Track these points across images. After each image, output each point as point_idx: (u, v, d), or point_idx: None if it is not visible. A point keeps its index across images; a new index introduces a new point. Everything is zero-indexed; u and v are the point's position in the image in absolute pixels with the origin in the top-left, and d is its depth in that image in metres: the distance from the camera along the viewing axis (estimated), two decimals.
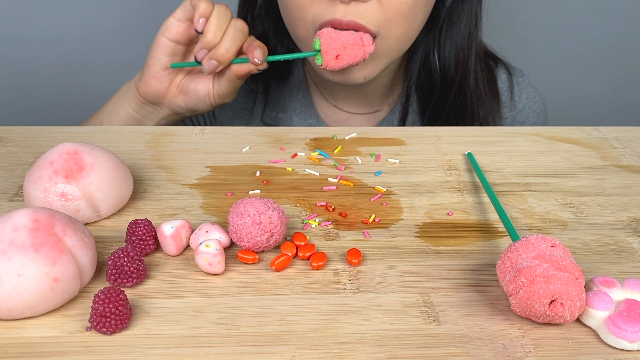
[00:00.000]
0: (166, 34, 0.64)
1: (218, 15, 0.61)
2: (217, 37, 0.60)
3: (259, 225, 0.40)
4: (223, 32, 0.61)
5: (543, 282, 0.35)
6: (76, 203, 0.43)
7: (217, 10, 0.61)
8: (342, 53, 0.59)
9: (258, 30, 0.76)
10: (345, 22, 0.61)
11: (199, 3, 0.61)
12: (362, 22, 0.61)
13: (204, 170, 0.53)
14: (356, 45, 0.59)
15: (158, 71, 0.65)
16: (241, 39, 0.62)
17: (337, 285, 0.40)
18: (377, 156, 0.56)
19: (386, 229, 0.46)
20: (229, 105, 0.81)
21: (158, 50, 0.65)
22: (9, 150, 0.55)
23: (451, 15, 0.70)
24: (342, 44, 0.59)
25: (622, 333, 0.35)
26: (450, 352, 0.35)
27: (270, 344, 0.35)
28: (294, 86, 0.78)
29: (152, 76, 0.65)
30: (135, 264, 0.38)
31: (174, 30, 0.64)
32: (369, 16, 0.61)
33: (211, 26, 0.60)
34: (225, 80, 0.64)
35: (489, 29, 0.75)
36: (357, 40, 0.59)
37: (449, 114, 0.73)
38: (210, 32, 0.60)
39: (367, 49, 0.60)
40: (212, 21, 0.60)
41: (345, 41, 0.59)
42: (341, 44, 0.59)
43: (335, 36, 0.59)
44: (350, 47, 0.59)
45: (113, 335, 0.35)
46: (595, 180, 0.53)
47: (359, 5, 0.60)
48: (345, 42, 0.59)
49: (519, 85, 0.79)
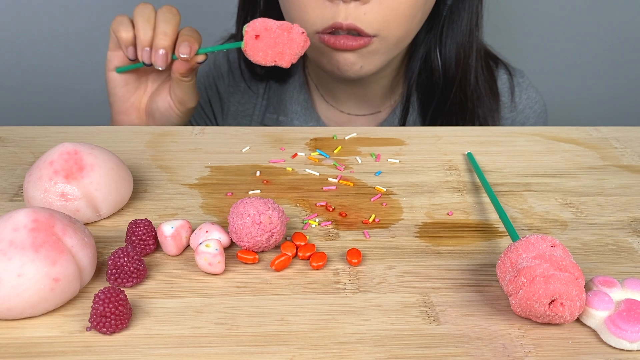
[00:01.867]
0: (109, 68, 0.65)
1: (140, 14, 0.60)
2: (148, 32, 0.60)
3: (259, 225, 0.40)
4: (152, 24, 0.60)
5: (543, 282, 0.35)
6: (76, 203, 0.43)
7: (138, 11, 0.61)
8: (263, 34, 0.56)
9: None
10: (346, 25, 0.61)
11: (119, 34, 0.60)
12: (361, 26, 0.61)
13: (204, 170, 0.53)
14: (280, 33, 0.56)
15: (121, 106, 0.66)
16: (172, 18, 0.61)
17: (337, 285, 0.40)
18: (377, 156, 0.56)
19: (386, 229, 0.46)
20: (232, 111, 0.81)
21: (111, 86, 0.65)
22: (9, 150, 0.55)
23: (452, 13, 0.70)
24: (265, 27, 0.56)
25: (622, 333, 0.35)
26: (450, 352, 0.35)
27: (270, 344, 0.35)
28: (295, 89, 0.78)
29: (118, 113, 0.66)
30: (135, 264, 0.38)
31: (115, 62, 0.64)
32: (368, 20, 0.61)
33: (139, 25, 0.60)
34: (175, 85, 0.63)
35: (489, 28, 0.75)
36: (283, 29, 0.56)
37: (449, 113, 0.73)
38: (140, 30, 0.60)
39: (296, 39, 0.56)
40: (137, 21, 0.60)
41: (270, 25, 0.56)
42: (264, 26, 0.56)
43: (260, 21, 0.57)
44: (272, 31, 0.56)
45: (113, 335, 0.35)
46: (595, 180, 0.53)
47: (359, 7, 0.60)
48: (269, 26, 0.56)
49: (520, 86, 0.79)
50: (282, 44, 0.56)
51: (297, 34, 0.56)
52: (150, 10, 0.61)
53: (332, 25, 0.62)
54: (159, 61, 0.60)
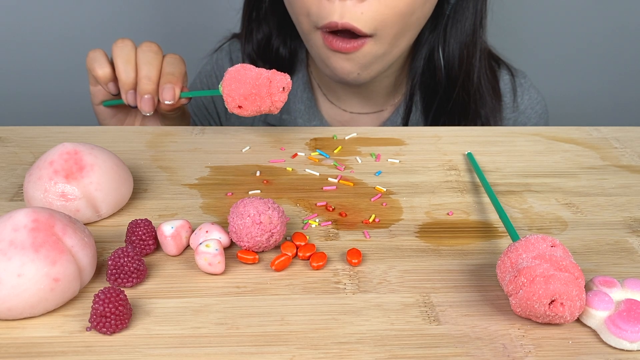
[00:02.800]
0: (95, 102, 0.64)
1: (119, 54, 0.58)
2: (130, 74, 0.58)
3: (259, 225, 0.40)
4: (134, 65, 0.58)
5: (543, 282, 0.35)
6: (76, 203, 0.43)
7: (117, 50, 0.59)
8: (244, 104, 0.52)
9: (263, 31, 0.76)
10: (341, 24, 0.61)
11: (94, 72, 0.59)
12: (358, 25, 0.61)
13: (204, 170, 0.53)
14: (259, 95, 0.52)
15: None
16: (155, 58, 0.59)
17: (337, 285, 0.40)
18: (377, 156, 0.56)
19: (386, 229, 0.46)
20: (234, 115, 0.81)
21: (101, 118, 0.65)
22: (9, 150, 0.55)
23: (456, 12, 0.70)
24: (243, 94, 0.52)
25: (622, 333, 0.35)
26: (450, 352, 0.35)
27: (270, 344, 0.35)
28: (298, 87, 0.78)
29: None
30: (135, 264, 0.38)
31: (99, 97, 0.64)
32: (365, 19, 0.61)
33: (119, 67, 0.58)
34: (164, 116, 0.63)
35: (491, 27, 0.75)
36: (262, 86, 0.52)
37: (452, 113, 0.73)
38: (122, 73, 0.58)
39: (275, 98, 0.52)
40: (118, 62, 0.58)
41: (246, 90, 0.51)
42: (242, 94, 0.52)
43: (235, 85, 0.52)
44: (251, 97, 0.52)
45: (113, 335, 0.35)
46: (595, 180, 0.53)
47: (356, 5, 0.60)
48: (246, 92, 0.51)
49: (522, 87, 0.79)
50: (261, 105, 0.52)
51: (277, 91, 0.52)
52: (130, 49, 0.59)
53: (327, 25, 0.61)
54: (146, 107, 0.58)
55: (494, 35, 0.78)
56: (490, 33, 0.76)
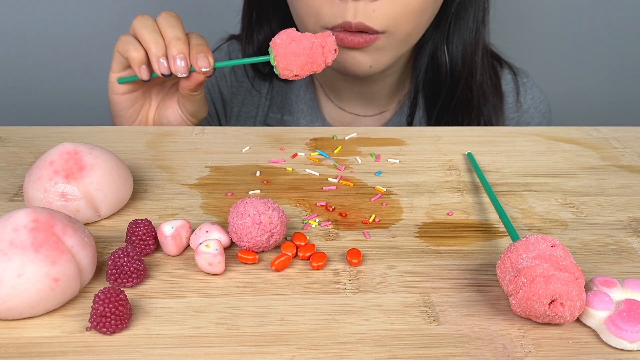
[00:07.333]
0: (116, 92, 0.62)
1: (143, 26, 0.58)
2: (160, 42, 0.57)
3: (259, 225, 0.40)
4: (159, 33, 0.58)
5: (543, 282, 0.35)
6: (76, 203, 0.43)
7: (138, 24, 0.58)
8: (301, 72, 0.54)
9: (264, 32, 0.76)
10: (355, 24, 0.61)
11: (129, 54, 0.58)
12: (370, 23, 0.61)
13: (204, 170, 0.53)
14: (315, 63, 0.54)
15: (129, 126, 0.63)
16: (178, 21, 0.58)
17: (337, 285, 0.40)
18: (377, 156, 0.56)
19: (386, 229, 0.46)
20: (235, 112, 0.81)
21: (118, 109, 0.63)
22: (9, 150, 0.55)
23: (460, 10, 0.70)
24: (299, 66, 0.54)
25: (622, 333, 0.35)
26: (450, 352, 0.35)
27: (270, 344, 0.35)
28: (301, 87, 0.78)
29: None
30: (135, 264, 0.38)
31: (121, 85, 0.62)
32: (377, 17, 0.61)
33: (146, 37, 0.57)
34: (186, 100, 0.62)
35: (493, 25, 0.75)
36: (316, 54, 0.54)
37: (455, 111, 0.73)
38: (151, 42, 0.57)
39: (329, 60, 0.55)
40: (143, 33, 0.57)
41: (302, 62, 0.53)
42: (298, 65, 0.54)
43: (292, 59, 0.53)
44: (307, 66, 0.54)
45: (113, 335, 0.35)
46: (595, 180, 0.53)
47: (368, 4, 0.60)
48: (302, 63, 0.54)
49: (524, 86, 0.79)
50: (313, 65, 0.54)
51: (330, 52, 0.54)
52: (152, 20, 0.58)
53: (341, 25, 0.61)
54: (181, 69, 0.57)
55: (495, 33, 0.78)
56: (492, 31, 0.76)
